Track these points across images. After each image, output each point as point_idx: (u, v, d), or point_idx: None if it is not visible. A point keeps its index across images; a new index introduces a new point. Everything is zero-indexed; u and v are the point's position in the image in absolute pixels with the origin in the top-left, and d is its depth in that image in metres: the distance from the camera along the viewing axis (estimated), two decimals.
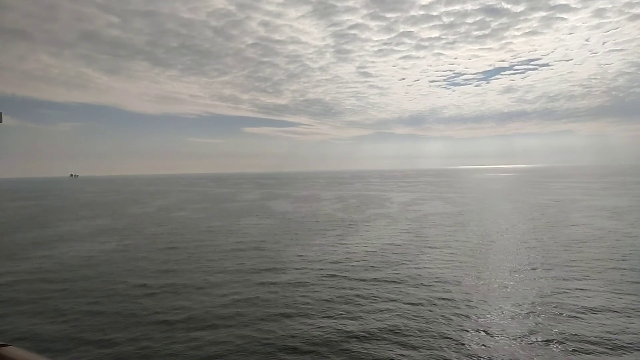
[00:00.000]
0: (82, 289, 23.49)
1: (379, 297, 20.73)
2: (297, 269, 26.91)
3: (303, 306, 19.60)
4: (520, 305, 18.85)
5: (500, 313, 18.06)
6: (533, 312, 17.96)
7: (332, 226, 46.27)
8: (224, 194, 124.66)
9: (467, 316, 17.76)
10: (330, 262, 28.52)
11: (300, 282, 23.82)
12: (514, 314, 17.84)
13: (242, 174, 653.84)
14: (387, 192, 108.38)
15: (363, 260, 29.03)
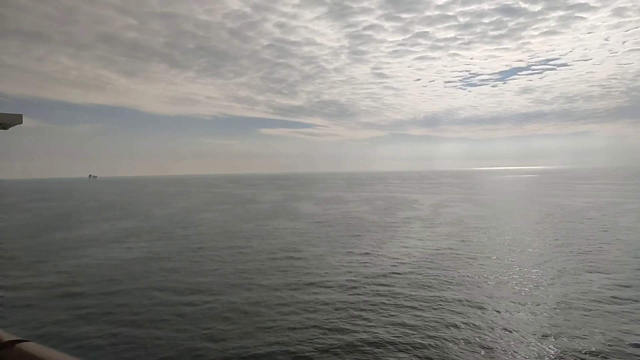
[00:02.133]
0: (119, 291, 22.19)
1: (446, 305, 18.94)
2: (346, 274, 25.24)
3: (373, 317, 17.92)
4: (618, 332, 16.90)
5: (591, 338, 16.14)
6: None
7: (368, 230, 44.50)
8: (244, 195, 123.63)
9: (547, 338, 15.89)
10: (377, 269, 26.79)
11: (356, 289, 22.14)
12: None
13: (258, 175, 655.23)
14: (411, 194, 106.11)
15: (415, 267, 27.23)
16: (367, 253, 31.91)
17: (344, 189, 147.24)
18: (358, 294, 21.52)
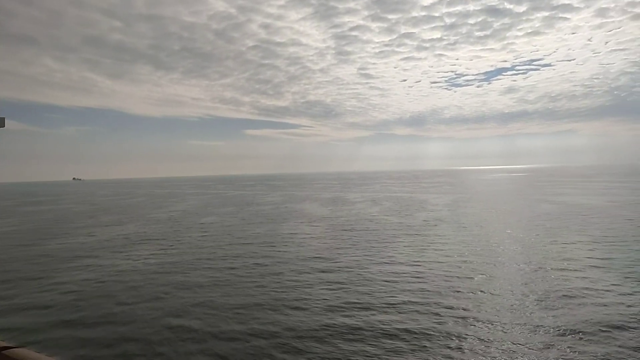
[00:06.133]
0: (122, 306, 18.89)
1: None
2: (401, 291, 22.23)
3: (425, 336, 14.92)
4: None
5: None
6: None
7: (395, 234, 41.53)
8: (241, 196, 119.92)
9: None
10: (434, 281, 23.83)
11: (417, 312, 19.12)
12: None
13: (246, 176, 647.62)
14: (416, 194, 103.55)
15: (474, 274, 24.33)
16: (412, 262, 28.92)
17: (342, 189, 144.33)
18: (422, 315, 18.52)
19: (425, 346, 15.05)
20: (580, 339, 15.15)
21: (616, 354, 13.90)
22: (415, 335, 15.97)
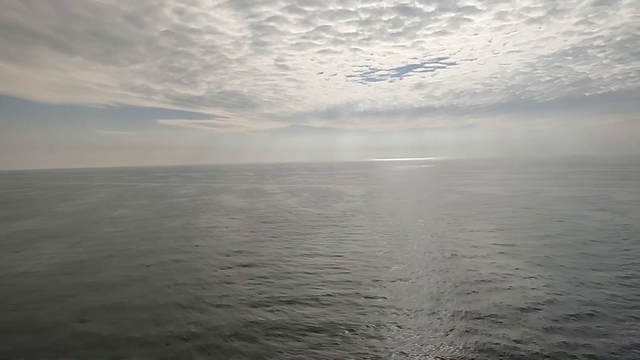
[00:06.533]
0: (26, 310, 17.25)
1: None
2: (323, 283, 22.41)
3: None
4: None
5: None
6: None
7: (315, 225, 41.83)
8: (156, 188, 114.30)
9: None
10: (345, 268, 24.31)
11: (338, 304, 19.40)
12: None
13: (159, 167, 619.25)
14: (332, 185, 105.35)
15: (401, 261, 25.16)
16: (333, 253, 29.24)
17: (259, 180, 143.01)
18: (345, 306, 18.82)
19: (349, 338, 15.21)
20: (495, 322, 16.18)
21: (526, 334, 15.00)
22: (339, 328, 16.09)
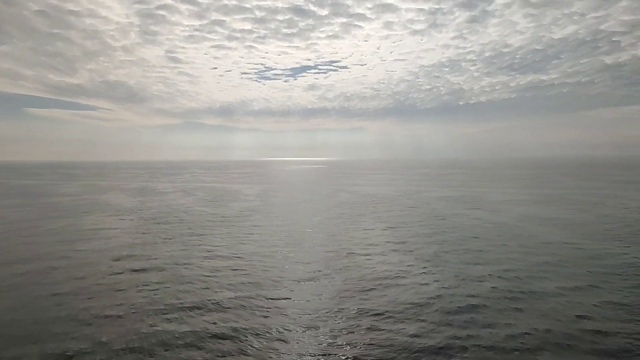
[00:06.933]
0: None
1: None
2: (222, 287, 21.78)
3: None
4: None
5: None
6: None
7: (212, 225, 40.51)
8: (31, 186, 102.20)
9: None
10: (244, 270, 23.99)
11: (234, 309, 19.03)
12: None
13: (32, 163, 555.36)
14: (227, 184, 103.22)
15: (302, 258, 25.23)
16: (231, 255, 28.52)
17: (150, 179, 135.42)
18: (246, 310, 18.51)
19: (254, 343, 14.88)
20: (393, 318, 16.93)
21: (422, 328, 15.88)
22: (244, 333, 15.68)
